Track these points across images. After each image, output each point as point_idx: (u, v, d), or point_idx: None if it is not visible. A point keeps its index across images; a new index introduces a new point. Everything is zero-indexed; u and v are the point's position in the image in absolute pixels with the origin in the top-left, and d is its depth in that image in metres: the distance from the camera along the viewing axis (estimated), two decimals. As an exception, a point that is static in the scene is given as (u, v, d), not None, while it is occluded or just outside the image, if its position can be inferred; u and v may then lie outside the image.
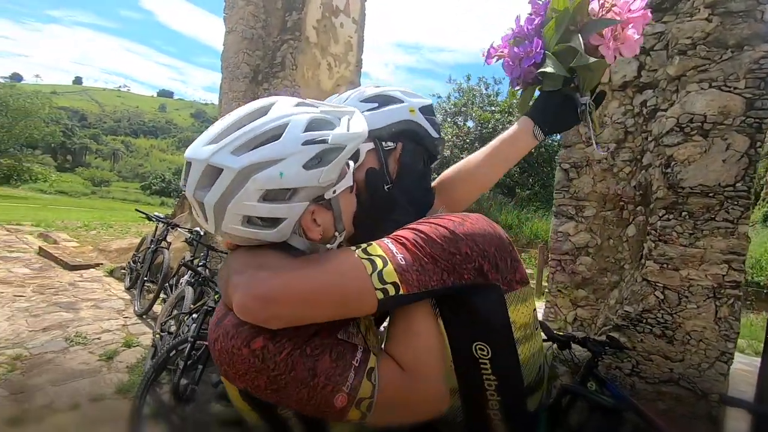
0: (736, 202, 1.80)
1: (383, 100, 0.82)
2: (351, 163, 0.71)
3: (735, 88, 1.81)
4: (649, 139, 2.11)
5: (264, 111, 0.64)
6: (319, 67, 4.10)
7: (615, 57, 0.77)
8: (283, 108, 0.65)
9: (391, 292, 0.59)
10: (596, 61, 0.76)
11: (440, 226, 0.65)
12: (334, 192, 0.67)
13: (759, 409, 1.61)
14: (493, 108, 16.43)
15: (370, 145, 0.78)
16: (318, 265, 0.62)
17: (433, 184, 0.93)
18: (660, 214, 1.97)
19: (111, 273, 5.85)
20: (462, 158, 0.88)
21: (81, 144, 75.81)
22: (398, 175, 0.81)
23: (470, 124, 18.03)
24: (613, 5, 0.74)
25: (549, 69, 0.76)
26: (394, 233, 0.66)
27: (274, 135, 0.61)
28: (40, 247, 6.80)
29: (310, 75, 4.02)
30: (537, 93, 0.85)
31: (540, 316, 2.48)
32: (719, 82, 1.84)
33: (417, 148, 0.83)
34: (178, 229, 4.70)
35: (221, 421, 2.40)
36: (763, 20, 1.77)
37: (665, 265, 1.94)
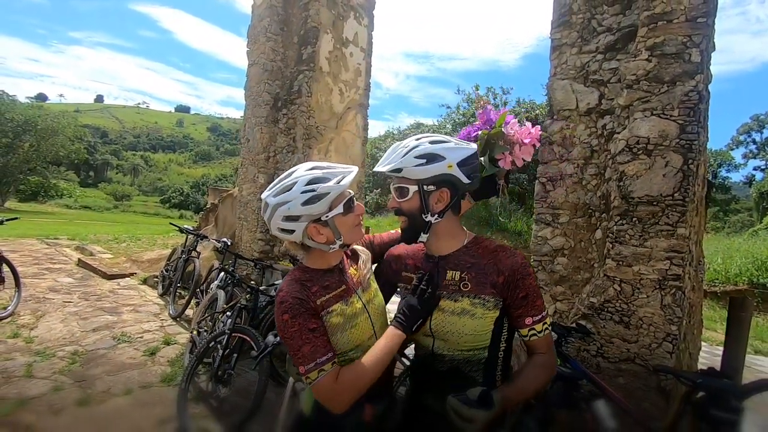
0: (674, 209, 2.18)
1: (430, 157, 1.18)
2: (351, 198, 1.23)
3: (671, 115, 2.19)
4: (608, 156, 2.50)
5: (290, 174, 1.20)
6: (332, 93, 4.59)
7: (511, 165, 1.38)
8: (299, 172, 1.19)
9: None
10: (498, 170, 1.40)
11: None
12: (327, 216, 1.18)
13: (679, 373, 1.97)
14: (500, 117, 16.73)
15: (416, 188, 1.21)
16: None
17: None
18: (616, 220, 2.35)
19: (144, 281, 6.41)
20: None
21: (103, 160, 78.26)
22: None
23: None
24: (514, 136, 1.37)
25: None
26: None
27: (289, 188, 1.17)
28: (78, 259, 7.43)
29: (324, 100, 4.51)
30: None
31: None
32: (658, 110, 2.23)
33: (451, 192, 1.23)
34: (208, 240, 5.21)
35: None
36: (690, 61, 2.16)
37: (621, 263, 2.32)
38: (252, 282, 3.57)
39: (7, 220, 4.83)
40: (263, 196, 1.21)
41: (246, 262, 4.43)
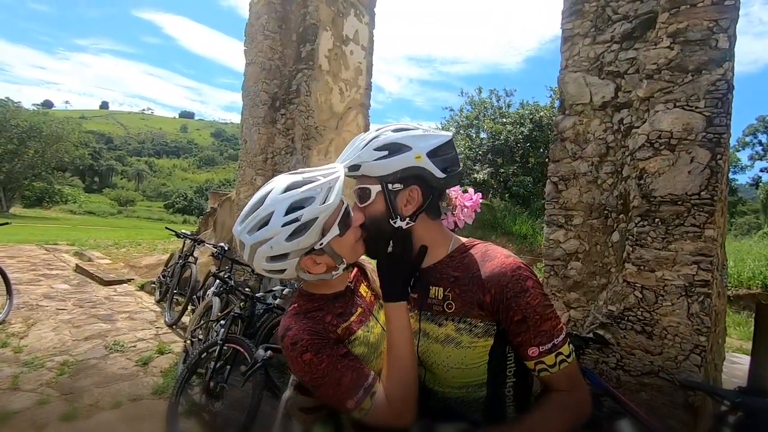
0: (701, 209, 2.00)
1: (393, 148, 0.96)
2: (345, 210, 0.99)
3: (696, 107, 2.02)
4: (626, 153, 2.33)
5: (262, 201, 0.94)
6: (332, 92, 4.44)
7: (453, 226, 1.15)
8: (273, 195, 0.94)
9: None
10: None
11: None
12: (322, 243, 0.95)
13: (714, 390, 1.78)
14: (504, 120, 16.55)
15: (379, 188, 0.98)
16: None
17: None
18: (636, 221, 2.17)
19: (142, 287, 6.26)
20: (475, 169, 1.23)
21: (107, 166, 78.73)
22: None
23: (483, 135, 18.22)
24: (456, 199, 1.16)
25: None
26: None
27: (265, 221, 0.92)
28: (76, 265, 7.30)
29: (323, 100, 4.36)
30: None
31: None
32: (682, 102, 2.05)
33: (423, 190, 0.99)
34: (205, 245, 5.06)
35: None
36: (717, 47, 1.99)
37: (642, 267, 2.14)
38: (248, 289, 3.41)
39: (-4, 225, 4.71)
40: (236, 231, 0.96)
41: (243, 267, 4.28)
